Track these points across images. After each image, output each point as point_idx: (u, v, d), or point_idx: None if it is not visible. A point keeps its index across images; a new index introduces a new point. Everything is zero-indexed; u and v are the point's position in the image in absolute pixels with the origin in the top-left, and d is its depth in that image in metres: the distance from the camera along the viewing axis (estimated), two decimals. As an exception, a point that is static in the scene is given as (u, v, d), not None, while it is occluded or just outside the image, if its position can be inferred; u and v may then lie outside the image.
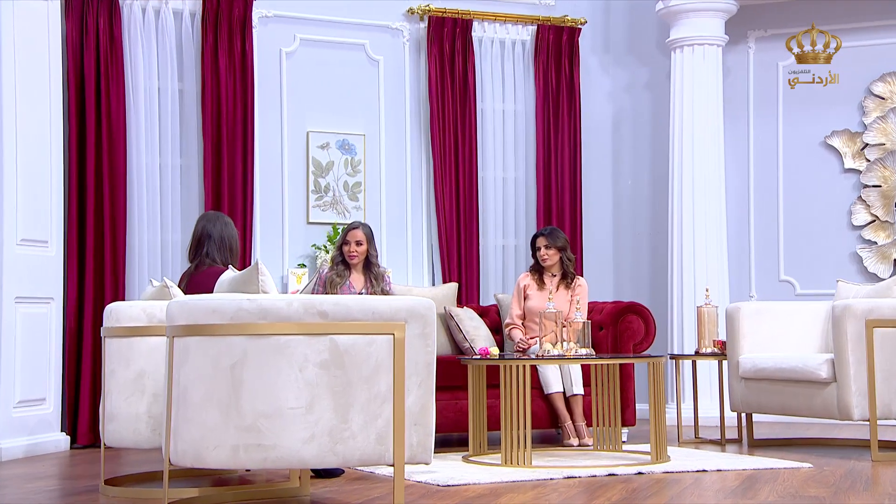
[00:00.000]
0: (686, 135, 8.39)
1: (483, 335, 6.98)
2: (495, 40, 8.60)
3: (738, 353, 6.73)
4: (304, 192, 8.09)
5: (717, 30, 8.49)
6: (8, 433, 6.48)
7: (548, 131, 8.61)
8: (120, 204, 7.36)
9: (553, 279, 7.06)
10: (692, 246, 8.30)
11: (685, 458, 5.92)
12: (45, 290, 6.86)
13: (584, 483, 5.10)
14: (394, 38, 8.43)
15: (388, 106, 8.36)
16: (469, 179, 8.37)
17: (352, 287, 6.58)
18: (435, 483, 5.03)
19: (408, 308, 4.15)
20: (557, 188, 8.61)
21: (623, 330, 6.93)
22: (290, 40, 8.13)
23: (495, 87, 8.58)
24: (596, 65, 9.06)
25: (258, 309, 4.00)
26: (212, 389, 3.99)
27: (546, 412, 6.72)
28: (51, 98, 6.95)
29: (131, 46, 7.50)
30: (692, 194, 8.34)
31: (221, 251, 5.46)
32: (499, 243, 8.56)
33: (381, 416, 4.08)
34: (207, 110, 7.65)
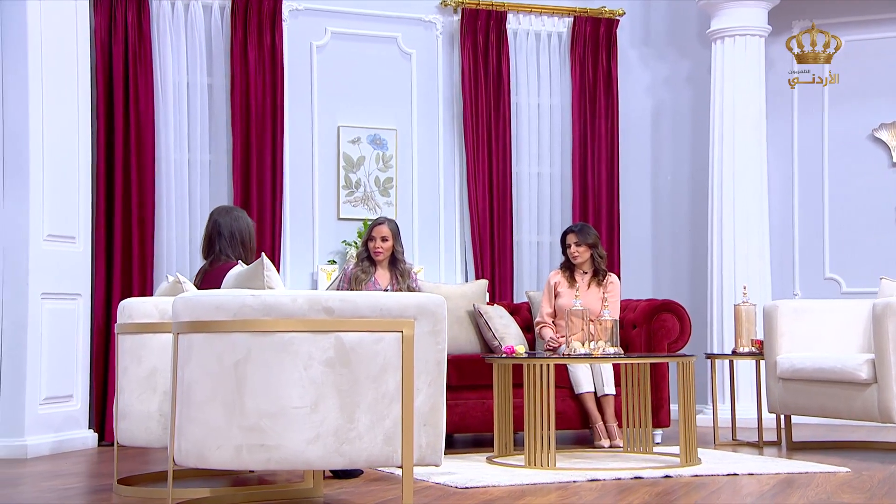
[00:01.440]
0: (727, 129, 8.18)
1: (513, 333, 6.83)
2: (530, 32, 8.44)
3: (776, 352, 6.52)
4: (334, 188, 7.99)
5: (759, 20, 8.26)
6: (34, 430, 6.44)
7: (584, 126, 8.43)
8: (148, 200, 7.31)
9: (584, 276, 6.89)
10: (732, 243, 8.09)
11: (717, 461, 5.72)
12: (73, 286, 6.80)
13: (608, 486, 4.93)
14: (427, 31, 8.30)
15: (421, 100, 8.23)
16: (503, 175, 8.22)
17: (377, 284, 6.46)
18: (453, 485, 4.89)
19: (417, 304, 4.01)
20: (594, 184, 8.43)
21: (657, 328, 6.75)
22: (320, 33, 8.03)
23: (530, 80, 8.42)
24: (635, 57, 8.86)
25: (262, 305, 3.88)
26: (215, 388, 3.88)
27: (577, 412, 6.55)
28: (79, 93, 6.89)
29: (160, 41, 7.44)
30: (732, 190, 8.12)
31: (233, 246, 5.33)
32: (533, 240, 8.40)
33: (389, 417, 3.95)
34: (236, 105, 7.57)
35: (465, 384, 6.42)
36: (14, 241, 6.44)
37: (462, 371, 6.42)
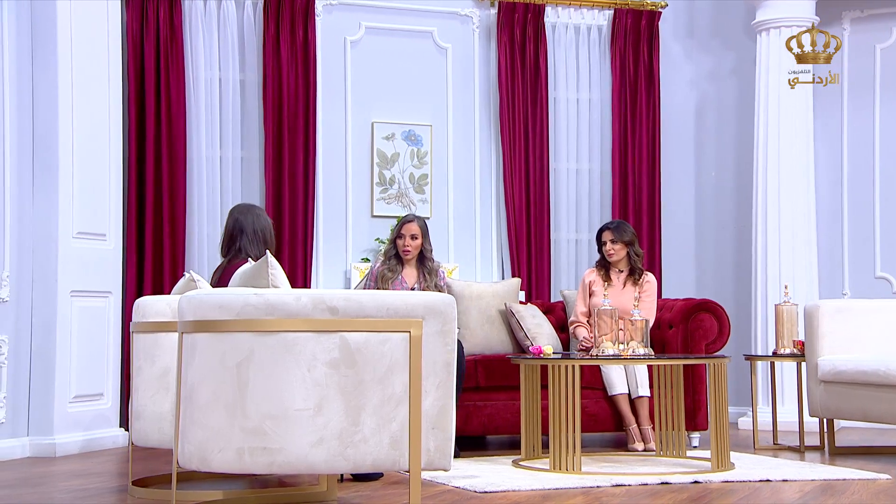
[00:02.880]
0: (772, 123, 7.96)
1: (546, 333, 6.68)
2: (569, 26, 8.27)
3: (817, 354, 6.30)
4: (368, 185, 7.89)
5: (806, 11, 8.02)
6: (63, 428, 6.40)
7: (624, 121, 8.25)
8: (179, 197, 7.26)
9: (620, 275, 6.72)
10: (777, 241, 7.87)
11: (752, 466, 5.53)
12: (103, 283, 6.76)
13: (633, 492, 4.77)
14: (463, 25, 8.17)
15: (457, 95, 8.10)
16: (540, 171, 8.06)
17: (404, 282, 6.34)
18: (472, 489, 4.76)
19: (425, 304, 3.89)
20: (635, 180, 8.24)
21: (694, 328, 6.55)
22: (354, 28, 7.93)
23: (569, 74, 8.25)
24: (678, 50, 8.65)
25: (265, 304, 3.77)
26: (218, 389, 3.78)
27: (610, 415, 6.39)
28: (110, 90, 6.85)
29: (192, 36, 7.39)
30: (777, 186, 7.90)
31: (255, 244, 5.24)
32: (571, 237, 8.23)
33: (396, 420, 3.82)
34: (269, 101, 7.49)
35: (493, 385, 6.28)
36: (43, 239, 6.41)
37: (491, 371, 6.28)
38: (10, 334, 6.25)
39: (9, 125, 6.26)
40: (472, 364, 6.28)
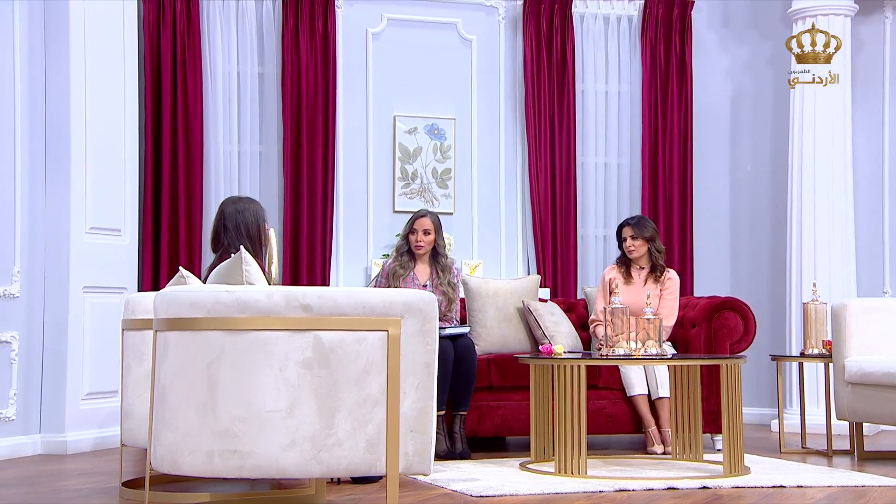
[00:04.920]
0: (807, 115, 7.69)
1: (564, 332, 6.49)
2: (598, 16, 8.07)
3: (845, 355, 6.05)
4: (389, 180, 7.75)
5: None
6: (75, 426, 6.34)
7: (655, 113, 8.02)
8: (196, 192, 7.17)
9: (641, 272, 6.52)
10: (812, 237, 7.60)
11: (769, 471, 5.31)
12: (118, 279, 6.69)
13: (636, 497, 4.58)
14: (488, 17, 7.99)
15: (481, 88, 7.93)
16: (566, 166, 7.86)
17: (416, 279, 6.18)
18: (468, 493, 4.60)
19: (404, 302, 3.73)
20: (665, 175, 8.01)
21: (718, 328, 6.33)
22: (376, 20, 7.79)
23: (597, 66, 8.05)
24: (712, 40, 8.39)
25: (236, 302, 3.64)
26: (188, 389, 3.66)
27: (629, 416, 6.20)
28: (125, 82, 6.77)
29: (209, 29, 7.30)
30: (813, 179, 7.64)
31: (239, 238, 5.08)
32: (599, 234, 8.03)
33: (372, 422, 3.67)
34: (287, 95, 7.39)
35: (506, 385, 6.12)
36: (55, 234, 6.35)
37: (504, 371, 6.12)
38: (22, 331, 6.19)
39: (20, 118, 6.21)
40: (485, 363, 6.12)
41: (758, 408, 7.97)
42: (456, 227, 7.80)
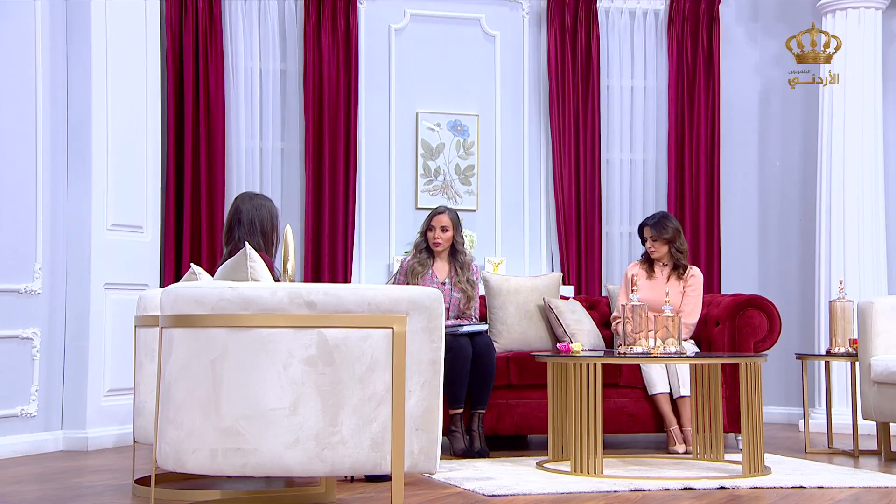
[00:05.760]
0: (836, 109, 7.57)
1: (586, 329, 6.42)
2: (624, 11, 7.98)
3: (871, 353, 5.94)
4: (412, 176, 7.71)
5: (876, -9, 7.63)
6: (97, 422, 6.36)
7: (681, 109, 7.93)
8: (218, 189, 7.17)
9: (664, 269, 6.44)
10: (842, 234, 7.49)
11: (791, 471, 5.21)
12: (139, 276, 6.69)
13: (650, 497, 4.51)
14: (512, 12, 7.93)
15: (505, 84, 7.87)
16: (591, 162, 7.79)
17: (434, 276, 6.14)
18: (481, 492, 4.55)
19: (409, 299, 3.68)
20: (692, 171, 7.92)
21: (742, 326, 6.24)
22: (399, 16, 7.75)
23: (623, 61, 7.96)
24: (741, 35, 8.28)
25: (239, 298, 3.61)
26: (192, 387, 3.63)
27: (651, 415, 6.12)
28: (147, 79, 6.77)
29: (231, 25, 7.29)
30: (842, 175, 7.52)
31: (252, 235, 5.03)
32: (624, 231, 7.95)
33: (377, 420, 3.63)
34: (309, 91, 7.36)
35: (526, 383, 6.06)
36: (77, 231, 6.36)
37: (524, 369, 6.06)
38: (44, 327, 6.21)
39: (42, 116, 6.22)
40: (504, 361, 6.06)
41: (787, 407, 7.87)
42: (479, 224, 7.75)
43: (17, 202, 6.06)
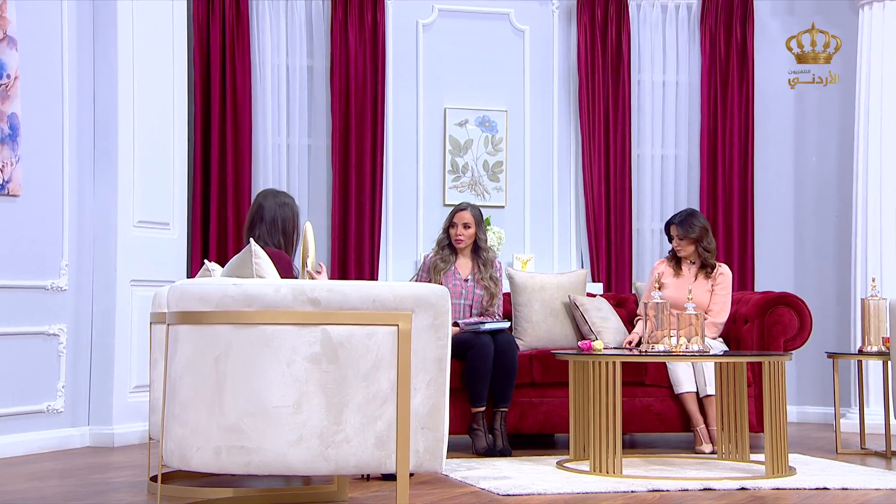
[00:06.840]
0: (873, 103, 7.42)
1: (611, 327, 6.34)
2: (655, 5, 7.88)
3: (903, 352, 5.80)
4: (440, 173, 7.66)
5: (914, -17, 7.46)
6: (123, 419, 6.37)
7: (714, 104, 7.82)
8: (245, 185, 7.16)
9: (692, 267, 6.34)
10: (878, 232, 7.34)
11: (817, 472, 5.10)
12: (166, 273, 6.69)
13: (668, 498, 4.43)
14: (541, 6, 7.85)
15: (534, 79, 7.80)
16: (622, 158, 7.70)
17: (457, 273, 6.09)
18: (496, 491, 4.50)
19: (415, 296, 3.64)
20: (725, 167, 7.80)
21: (772, 324, 6.14)
22: (427, 11, 7.70)
23: (654, 56, 7.86)
24: (776, 28, 8.14)
25: (243, 295, 3.58)
26: (197, 384, 3.61)
27: (677, 414, 6.03)
28: (174, 76, 6.77)
29: (258, 22, 7.28)
30: (879, 172, 7.37)
31: (273, 234, 4.99)
32: (655, 227, 7.84)
33: (382, 419, 3.59)
34: (336, 88, 7.34)
35: (549, 381, 5.99)
36: (103, 228, 6.38)
37: (547, 367, 5.99)
38: (70, 323, 6.23)
39: (69, 114, 6.24)
40: (528, 359, 6.00)
41: (823, 407, 7.73)
42: (507, 221, 7.69)
43: (43, 199, 6.08)
